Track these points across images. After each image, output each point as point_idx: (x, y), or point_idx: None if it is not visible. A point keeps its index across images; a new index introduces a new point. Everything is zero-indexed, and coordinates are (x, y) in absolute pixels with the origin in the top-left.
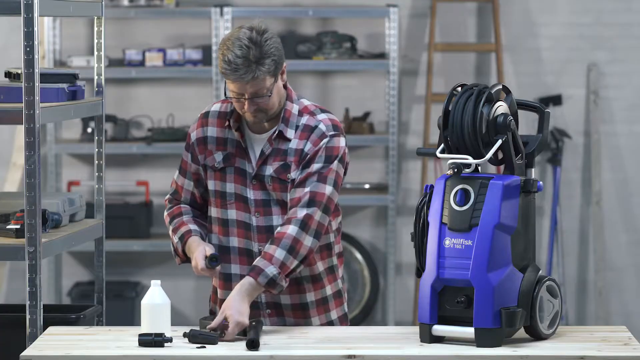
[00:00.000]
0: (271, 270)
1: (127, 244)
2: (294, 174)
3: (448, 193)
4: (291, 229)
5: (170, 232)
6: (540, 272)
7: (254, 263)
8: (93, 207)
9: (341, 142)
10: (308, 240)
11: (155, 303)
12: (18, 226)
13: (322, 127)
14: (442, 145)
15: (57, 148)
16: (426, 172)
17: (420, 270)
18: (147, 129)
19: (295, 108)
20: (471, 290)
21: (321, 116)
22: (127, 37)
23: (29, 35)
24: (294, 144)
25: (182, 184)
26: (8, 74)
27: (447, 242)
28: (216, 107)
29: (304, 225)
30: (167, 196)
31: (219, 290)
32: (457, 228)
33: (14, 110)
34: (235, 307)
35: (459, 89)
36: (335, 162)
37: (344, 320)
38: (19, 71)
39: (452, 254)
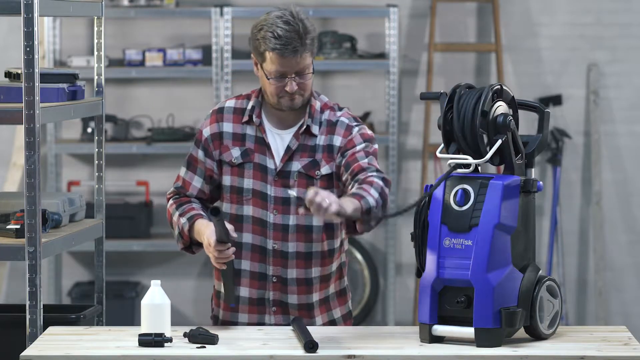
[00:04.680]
0: (371, 201)
1: (127, 244)
2: (324, 170)
3: (448, 193)
4: (376, 178)
5: (175, 217)
6: (540, 272)
7: (353, 191)
8: (93, 207)
9: (368, 130)
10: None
11: (155, 303)
12: (18, 226)
13: (343, 119)
14: (442, 145)
15: (57, 148)
16: (426, 172)
17: (420, 270)
18: (147, 129)
19: (317, 104)
20: (471, 290)
21: (340, 112)
22: (127, 37)
23: (29, 35)
24: (320, 140)
25: (191, 179)
26: (8, 74)
27: (447, 242)
28: (230, 103)
29: (385, 182)
30: (171, 189)
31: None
32: (457, 228)
33: (14, 110)
34: (327, 194)
35: (459, 89)
36: (376, 144)
37: (348, 319)
38: (19, 71)
39: (452, 254)
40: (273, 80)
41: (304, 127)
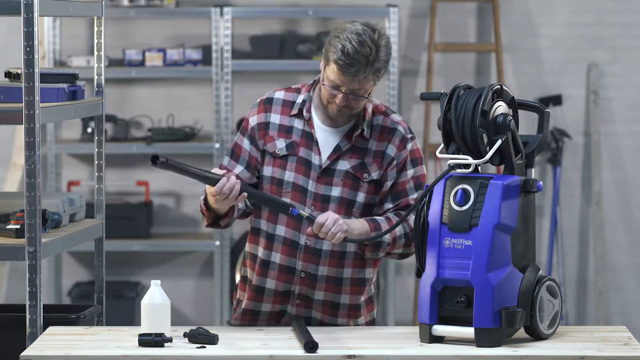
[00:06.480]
0: (387, 237)
1: (127, 244)
2: (375, 175)
3: (448, 193)
4: (412, 221)
5: (200, 201)
6: (540, 272)
7: (376, 217)
8: (93, 207)
9: (418, 143)
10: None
11: (155, 303)
12: (18, 226)
13: (401, 129)
14: (442, 145)
15: (57, 148)
16: (426, 172)
17: (420, 270)
18: (147, 129)
19: (370, 106)
20: (471, 290)
21: (395, 117)
22: (127, 37)
23: (29, 35)
24: (372, 145)
25: (232, 167)
26: (8, 74)
27: (447, 242)
28: (280, 94)
29: None
30: None
31: (255, 277)
32: (457, 228)
33: (14, 110)
34: (333, 222)
35: (458, 89)
36: (423, 165)
37: (371, 325)
38: (19, 71)
39: (452, 254)
40: (327, 86)
41: (359, 130)
